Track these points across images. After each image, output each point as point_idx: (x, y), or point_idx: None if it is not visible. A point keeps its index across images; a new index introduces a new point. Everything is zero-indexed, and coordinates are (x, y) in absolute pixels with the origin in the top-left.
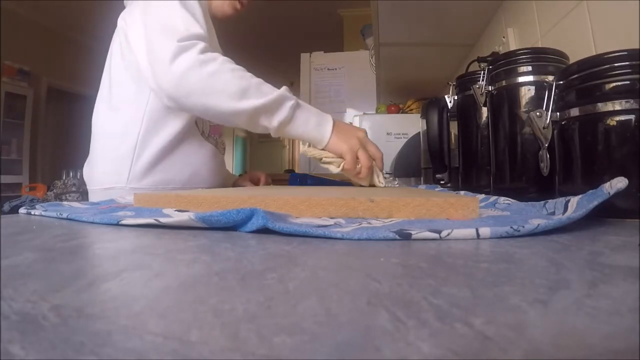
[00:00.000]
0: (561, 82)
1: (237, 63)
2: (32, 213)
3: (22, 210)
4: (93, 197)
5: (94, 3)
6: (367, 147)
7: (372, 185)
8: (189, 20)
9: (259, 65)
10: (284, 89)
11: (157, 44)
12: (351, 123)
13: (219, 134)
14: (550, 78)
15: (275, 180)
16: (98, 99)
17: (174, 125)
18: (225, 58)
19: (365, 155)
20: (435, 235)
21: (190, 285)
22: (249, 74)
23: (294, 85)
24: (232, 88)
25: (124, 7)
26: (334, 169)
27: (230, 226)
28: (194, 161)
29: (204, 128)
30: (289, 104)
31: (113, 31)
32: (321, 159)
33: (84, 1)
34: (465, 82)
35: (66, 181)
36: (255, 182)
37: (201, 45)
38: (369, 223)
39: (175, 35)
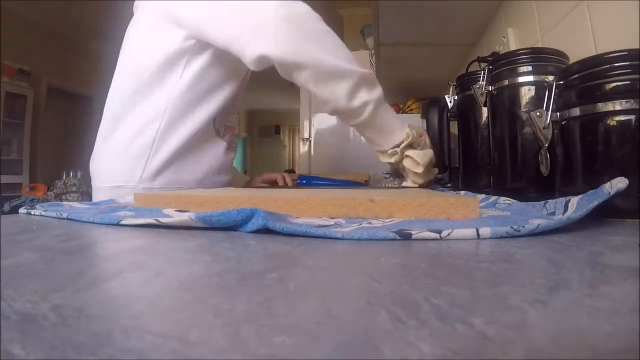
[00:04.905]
0: (561, 82)
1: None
2: (32, 213)
3: (22, 210)
4: (99, 195)
5: (95, 3)
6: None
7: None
8: None
9: None
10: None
11: (249, 5)
12: None
13: (233, 134)
14: (551, 78)
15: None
16: (112, 92)
17: (192, 123)
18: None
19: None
20: (436, 235)
21: (190, 285)
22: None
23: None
24: (342, 53)
25: (124, 7)
26: (423, 157)
27: (230, 226)
28: (207, 160)
29: (219, 127)
30: (380, 86)
31: (113, 31)
32: (401, 156)
33: (84, 1)
34: (465, 82)
35: (66, 181)
36: (272, 184)
37: (302, 1)
38: (369, 223)
39: None
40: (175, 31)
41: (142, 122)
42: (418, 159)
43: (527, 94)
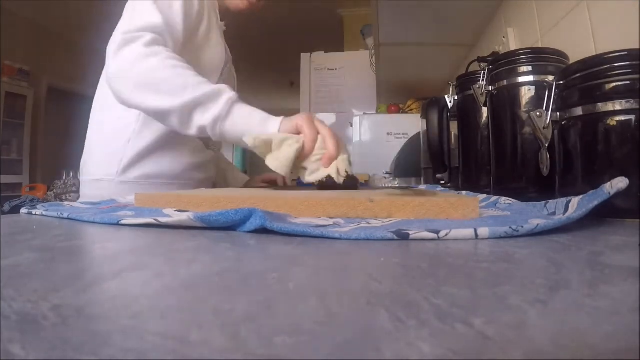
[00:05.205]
0: (561, 82)
1: (238, 63)
2: (33, 213)
3: (23, 210)
4: (83, 188)
5: (94, 3)
6: (323, 125)
7: (331, 183)
8: (149, 9)
9: (259, 65)
10: (222, 85)
11: (112, 37)
12: (351, 124)
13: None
14: (550, 78)
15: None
16: (98, 93)
17: None
18: (170, 54)
19: (325, 128)
20: (434, 236)
21: (190, 285)
22: (192, 72)
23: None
24: (167, 85)
25: (123, 8)
26: (282, 158)
27: (229, 226)
28: (182, 157)
29: None
30: (226, 97)
31: (113, 31)
32: (270, 142)
33: (84, 1)
34: (465, 82)
35: (66, 181)
36: (271, 184)
37: (148, 37)
38: (368, 223)
39: (125, 27)
40: None
41: (121, 121)
42: (272, 166)
43: (527, 94)
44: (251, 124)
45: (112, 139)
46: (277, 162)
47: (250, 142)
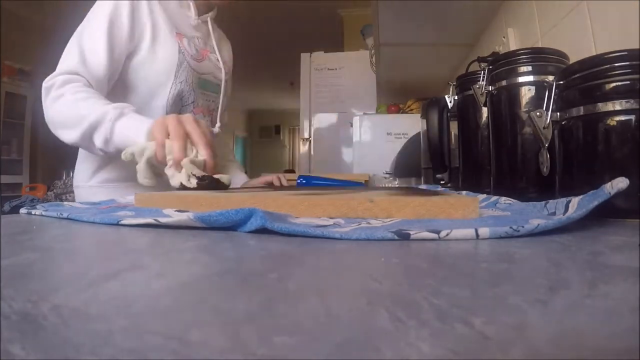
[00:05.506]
0: (561, 82)
1: (238, 62)
2: (33, 213)
3: (22, 210)
4: (75, 193)
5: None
6: (187, 122)
7: (182, 186)
8: (68, 50)
9: (259, 65)
10: (110, 106)
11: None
12: (351, 124)
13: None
14: (551, 78)
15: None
16: None
17: None
18: (75, 88)
19: (175, 122)
20: (434, 236)
21: (190, 285)
22: (90, 100)
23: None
24: (71, 119)
25: None
26: (138, 169)
27: (229, 226)
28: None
29: None
30: (111, 116)
31: None
32: (132, 154)
33: (84, 1)
34: (465, 82)
35: (66, 181)
36: (268, 185)
37: (59, 81)
38: (368, 223)
39: (53, 72)
40: None
41: None
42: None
43: (527, 94)
44: (127, 134)
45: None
46: (138, 173)
47: (123, 157)
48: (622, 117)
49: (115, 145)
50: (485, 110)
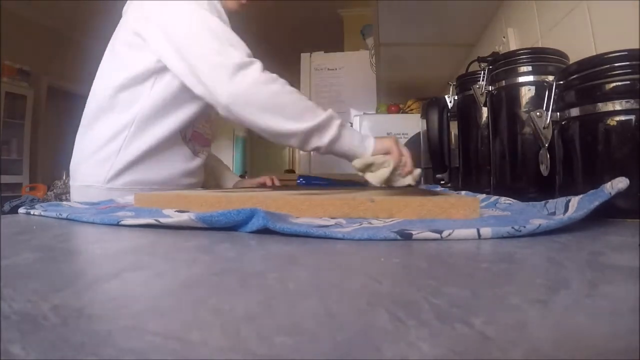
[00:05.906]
0: (561, 82)
1: None
2: (32, 213)
3: (21, 210)
4: (74, 193)
5: (94, 3)
6: (398, 143)
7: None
8: (234, 37)
9: None
10: (330, 111)
11: (213, 58)
12: (351, 124)
13: (201, 141)
14: (550, 78)
15: (281, 181)
16: (91, 99)
17: (160, 131)
18: (283, 80)
19: (404, 149)
20: (437, 236)
21: (190, 285)
22: (304, 96)
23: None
24: (291, 110)
25: (123, 8)
26: (380, 175)
27: (230, 226)
28: (170, 164)
29: (186, 132)
30: (337, 122)
31: (113, 31)
32: (371, 164)
33: (84, 1)
34: (465, 82)
35: (66, 181)
36: (260, 186)
37: (259, 63)
38: (370, 223)
39: (231, 51)
40: (146, 53)
41: (112, 130)
42: (373, 181)
43: (527, 94)
44: (353, 143)
45: (104, 146)
46: (377, 178)
47: (357, 165)
48: (622, 117)
49: (339, 148)
50: (485, 110)
